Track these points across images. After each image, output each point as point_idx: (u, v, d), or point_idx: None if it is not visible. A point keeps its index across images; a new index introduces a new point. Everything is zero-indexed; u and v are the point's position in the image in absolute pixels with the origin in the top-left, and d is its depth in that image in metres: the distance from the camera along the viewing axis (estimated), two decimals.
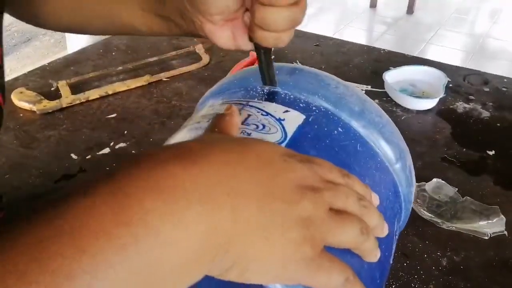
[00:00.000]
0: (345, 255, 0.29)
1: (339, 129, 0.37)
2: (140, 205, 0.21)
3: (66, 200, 0.21)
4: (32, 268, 0.18)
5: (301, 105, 0.38)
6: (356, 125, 0.38)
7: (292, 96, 0.38)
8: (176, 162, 0.24)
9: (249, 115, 0.36)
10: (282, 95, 0.39)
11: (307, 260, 0.25)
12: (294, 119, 0.36)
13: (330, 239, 0.27)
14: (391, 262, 0.40)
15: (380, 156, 0.39)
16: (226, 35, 0.37)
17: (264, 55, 0.38)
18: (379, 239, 0.31)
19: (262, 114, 0.36)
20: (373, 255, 0.30)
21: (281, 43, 0.35)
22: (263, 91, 0.39)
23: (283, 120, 0.36)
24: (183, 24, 0.38)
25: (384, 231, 0.31)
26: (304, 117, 0.37)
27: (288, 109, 0.37)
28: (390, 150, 0.40)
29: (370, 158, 0.38)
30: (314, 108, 0.38)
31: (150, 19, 0.40)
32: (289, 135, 0.35)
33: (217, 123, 0.32)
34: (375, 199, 0.33)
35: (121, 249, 0.20)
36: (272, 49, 0.37)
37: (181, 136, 0.37)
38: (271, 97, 0.39)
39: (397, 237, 0.44)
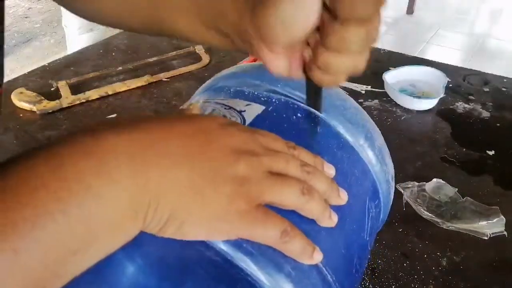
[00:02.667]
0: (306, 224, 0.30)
1: (298, 114, 0.39)
2: (74, 165, 0.23)
3: (13, 162, 0.24)
4: None
5: (262, 99, 0.40)
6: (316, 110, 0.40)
7: (255, 93, 0.41)
8: (110, 129, 0.26)
9: (213, 110, 0.39)
10: (246, 93, 0.42)
11: (242, 213, 0.27)
12: (254, 110, 0.39)
13: (268, 197, 0.28)
14: (369, 247, 0.40)
15: (343, 136, 0.40)
16: (283, 65, 0.35)
17: (315, 90, 0.38)
18: (345, 212, 0.32)
19: (225, 108, 0.39)
20: (325, 217, 0.30)
21: (336, 85, 0.35)
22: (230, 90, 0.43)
23: (244, 111, 0.38)
24: (240, 44, 0.36)
25: (341, 197, 0.32)
26: (263, 107, 0.39)
27: (250, 103, 0.40)
28: (354, 130, 0.41)
29: (332, 138, 0.39)
30: (274, 100, 0.40)
31: (206, 32, 0.37)
32: (247, 122, 0.37)
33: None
34: (329, 169, 0.33)
35: (58, 200, 0.22)
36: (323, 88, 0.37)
37: None
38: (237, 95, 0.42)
39: (380, 224, 0.45)
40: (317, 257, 0.29)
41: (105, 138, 0.25)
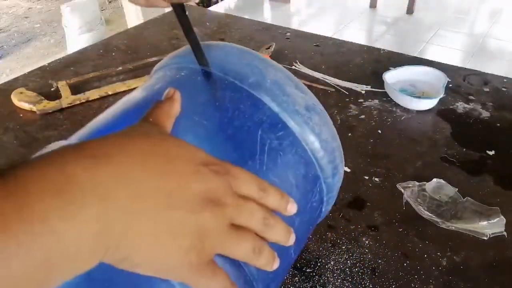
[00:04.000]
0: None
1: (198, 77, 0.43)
2: (39, 203, 0.23)
3: None
4: None
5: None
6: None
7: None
8: (79, 163, 0.25)
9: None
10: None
11: (192, 266, 0.28)
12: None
13: (221, 251, 0.29)
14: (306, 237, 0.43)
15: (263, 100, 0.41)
16: None
17: (180, 9, 0.42)
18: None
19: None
20: (267, 268, 0.32)
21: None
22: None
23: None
24: None
25: (289, 242, 0.33)
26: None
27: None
28: (272, 93, 0.42)
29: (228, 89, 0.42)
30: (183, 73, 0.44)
31: None
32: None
33: (154, 111, 0.33)
34: (292, 207, 0.34)
35: (20, 243, 0.22)
36: (184, 5, 0.42)
37: (134, 94, 0.43)
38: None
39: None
40: None
41: (72, 174, 0.24)
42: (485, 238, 0.58)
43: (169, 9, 0.45)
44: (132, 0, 0.40)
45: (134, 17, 2.44)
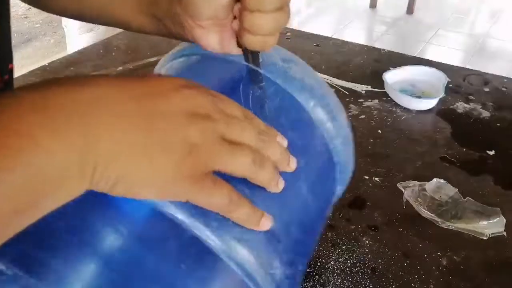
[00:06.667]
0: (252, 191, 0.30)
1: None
2: (24, 119, 0.23)
3: None
4: None
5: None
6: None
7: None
8: (63, 84, 0.25)
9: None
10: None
11: (190, 179, 0.27)
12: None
13: (218, 165, 0.28)
14: (324, 209, 0.42)
15: (292, 97, 0.41)
16: (214, 40, 0.39)
17: (252, 58, 0.40)
18: (296, 176, 0.33)
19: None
20: (272, 184, 0.31)
21: (267, 47, 0.38)
22: None
23: None
24: (172, 27, 0.41)
25: (290, 165, 0.33)
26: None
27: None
28: (301, 89, 0.42)
29: (278, 97, 0.41)
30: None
31: (142, 18, 0.43)
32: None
33: None
34: (282, 140, 0.33)
35: (6, 158, 0.22)
36: (260, 52, 0.40)
37: None
38: None
39: (342, 188, 0.47)
40: (265, 223, 0.30)
41: (53, 96, 0.24)
42: (485, 238, 0.58)
43: None
44: (206, 44, 0.40)
45: None
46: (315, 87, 0.43)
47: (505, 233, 0.59)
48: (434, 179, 0.66)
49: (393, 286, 0.52)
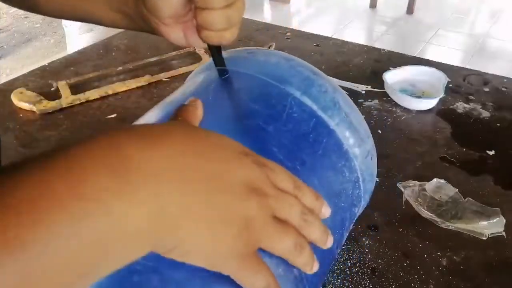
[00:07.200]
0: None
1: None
2: (95, 182, 0.22)
3: (24, 172, 0.22)
4: None
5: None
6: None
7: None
8: (132, 144, 0.25)
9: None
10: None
11: (240, 256, 0.27)
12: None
13: (265, 244, 0.29)
14: (341, 242, 0.43)
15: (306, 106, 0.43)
16: (179, 35, 0.44)
17: (216, 51, 0.44)
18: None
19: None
20: (307, 269, 0.32)
21: (224, 41, 0.40)
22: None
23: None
24: (142, 24, 0.44)
25: (327, 244, 0.33)
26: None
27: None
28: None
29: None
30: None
31: (114, 15, 0.46)
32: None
33: (181, 112, 0.34)
34: (326, 210, 0.34)
35: (73, 221, 0.21)
36: (221, 46, 0.43)
37: (152, 114, 0.42)
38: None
39: (367, 196, 0.48)
40: None
41: (128, 154, 0.24)
42: (484, 238, 0.58)
43: None
44: (173, 39, 0.44)
45: None
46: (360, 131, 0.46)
47: (504, 233, 0.59)
48: (434, 179, 0.66)
49: (393, 286, 0.52)
